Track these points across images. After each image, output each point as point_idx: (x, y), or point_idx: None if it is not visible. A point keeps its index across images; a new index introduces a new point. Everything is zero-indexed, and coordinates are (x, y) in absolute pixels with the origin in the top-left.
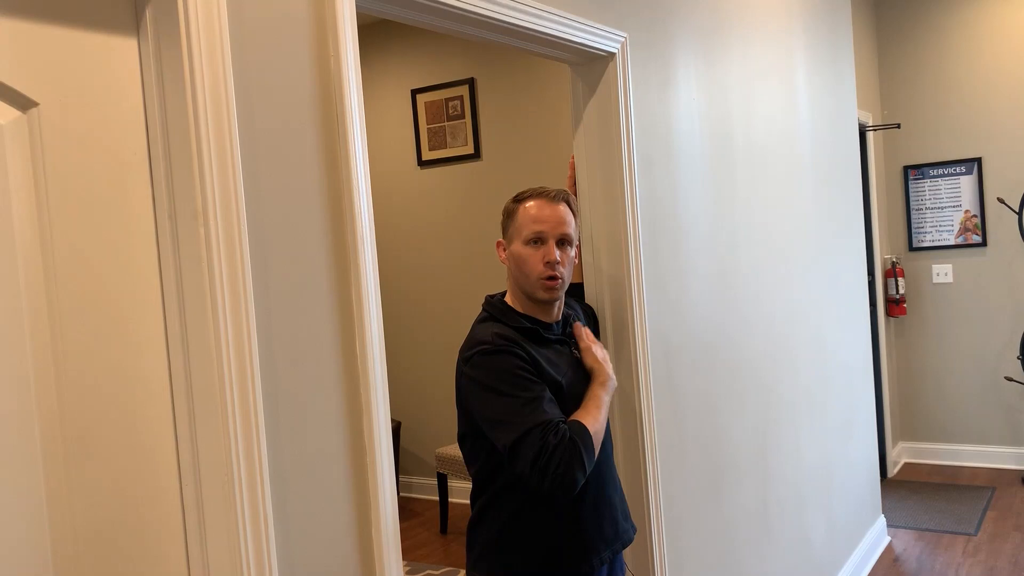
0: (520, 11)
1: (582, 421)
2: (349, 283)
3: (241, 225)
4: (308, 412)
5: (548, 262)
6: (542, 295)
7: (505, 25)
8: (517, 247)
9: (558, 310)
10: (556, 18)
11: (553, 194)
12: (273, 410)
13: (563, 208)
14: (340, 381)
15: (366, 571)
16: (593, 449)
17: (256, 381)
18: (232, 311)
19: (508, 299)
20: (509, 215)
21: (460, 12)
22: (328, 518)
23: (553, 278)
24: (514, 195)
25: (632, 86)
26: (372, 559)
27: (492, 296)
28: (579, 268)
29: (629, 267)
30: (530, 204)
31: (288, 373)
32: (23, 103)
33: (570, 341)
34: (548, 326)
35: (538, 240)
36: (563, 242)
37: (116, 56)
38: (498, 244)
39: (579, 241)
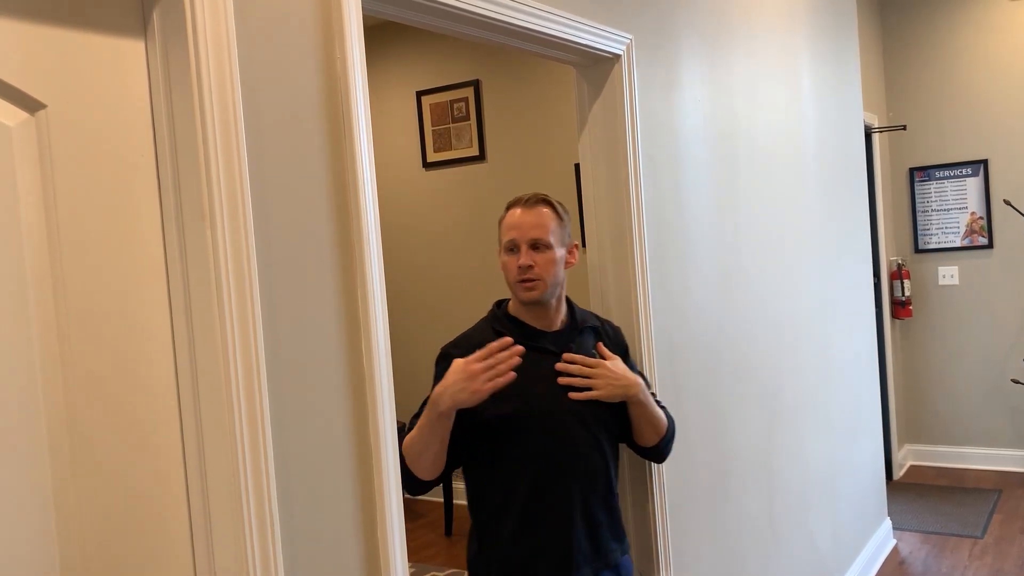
0: (525, 13)
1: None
2: (355, 284)
3: (247, 226)
4: (314, 413)
5: (520, 266)
6: (522, 295)
7: (510, 27)
8: (501, 254)
9: (558, 318)
10: (561, 20)
11: (528, 199)
12: (279, 410)
13: (539, 211)
14: (346, 382)
15: (372, 572)
16: (405, 466)
17: (262, 381)
18: (239, 311)
19: (510, 304)
20: (499, 224)
21: (465, 14)
22: (334, 519)
23: (528, 280)
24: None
25: (637, 88)
26: (378, 560)
27: (504, 299)
28: None
29: (634, 268)
30: (509, 213)
31: (294, 373)
32: (31, 105)
33: (560, 352)
34: (534, 333)
35: (513, 247)
36: (536, 245)
37: (123, 58)
38: (499, 252)
39: (571, 241)
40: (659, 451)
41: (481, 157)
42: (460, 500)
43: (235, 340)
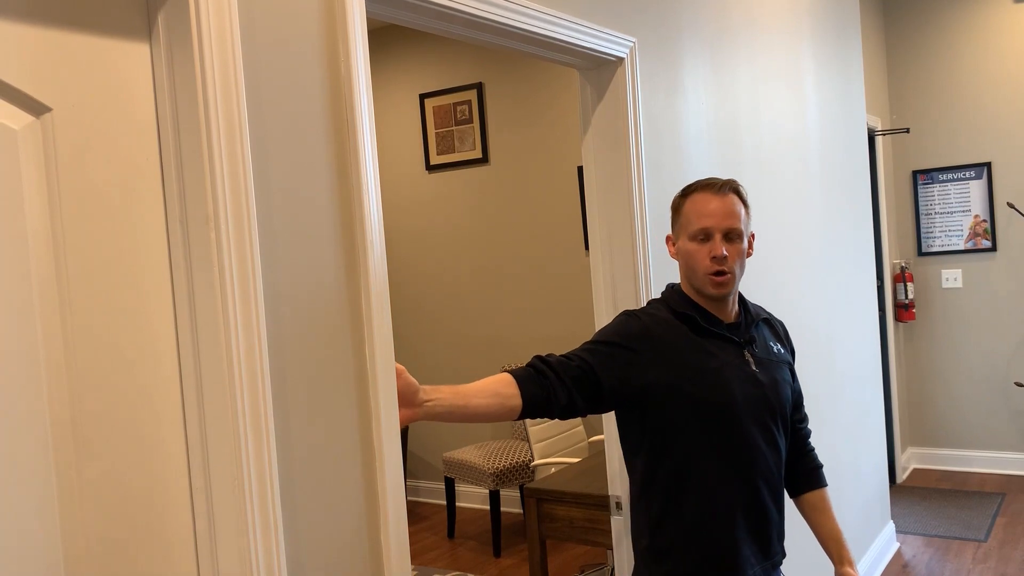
0: (529, 16)
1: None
2: (359, 286)
3: (252, 229)
4: (317, 416)
5: (715, 257)
6: (711, 291)
7: (514, 30)
8: (684, 243)
9: (733, 310)
10: (565, 23)
11: (720, 185)
12: (283, 413)
13: (731, 199)
14: (349, 385)
15: (375, 575)
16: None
17: (266, 384)
18: (243, 314)
19: (683, 287)
20: (676, 210)
21: (469, 17)
22: (337, 522)
23: (720, 273)
24: (681, 189)
25: (640, 90)
26: (381, 563)
27: (674, 283)
28: None
29: (637, 272)
30: (696, 197)
31: (298, 376)
32: (36, 108)
33: (748, 345)
34: (713, 318)
35: (704, 236)
36: (730, 235)
37: (128, 61)
38: (667, 239)
39: (751, 232)
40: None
41: (484, 160)
42: (462, 503)
43: (239, 342)
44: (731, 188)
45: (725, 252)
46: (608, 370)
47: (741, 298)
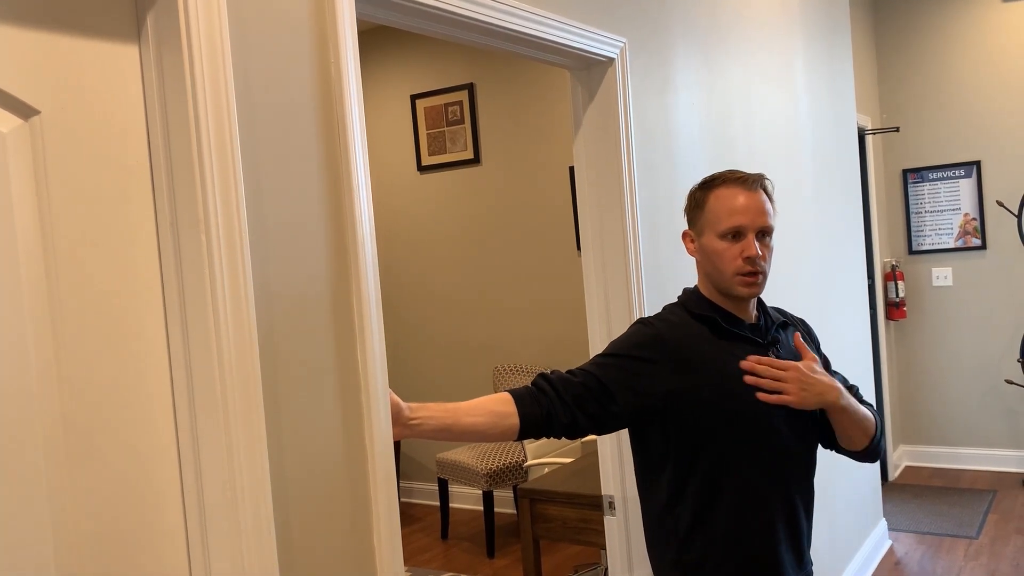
0: (520, 17)
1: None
2: (350, 288)
3: (242, 232)
4: (309, 418)
5: (748, 257)
6: (740, 291)
7: (505, 31)
8: (710, 240)
9: (752, 310)
10: (556, 24)
11: (751, 179)
12: (274, 417)
13: (761, 194)
14: (341, 388)
15: None
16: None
17: (257, 387)
18: (234, 318)
19: (701, 288)
20: (698, 204)
21: (460, 18)
22: (329, 524)
23: (753, 274)
24: (701, 180)
25: (632, 91)
26: (374, 565)
27: (690, 286)
28: None
29: (629, 272)
30: (724, 192)
31: (289, 379)
32: (25, 111)
33: (772, 347)
34: (735, 319)
35: (736, 234)
36: (763, 234)
37: (117, 63)
38: (684, 235)
39: None
40: (872, 452)
41: (476, 160)
42: (456, 504)
43: (231, 346)
44: (760, 183)
45: (759, 251)
46: (622, 384)
47: (758, 298)
